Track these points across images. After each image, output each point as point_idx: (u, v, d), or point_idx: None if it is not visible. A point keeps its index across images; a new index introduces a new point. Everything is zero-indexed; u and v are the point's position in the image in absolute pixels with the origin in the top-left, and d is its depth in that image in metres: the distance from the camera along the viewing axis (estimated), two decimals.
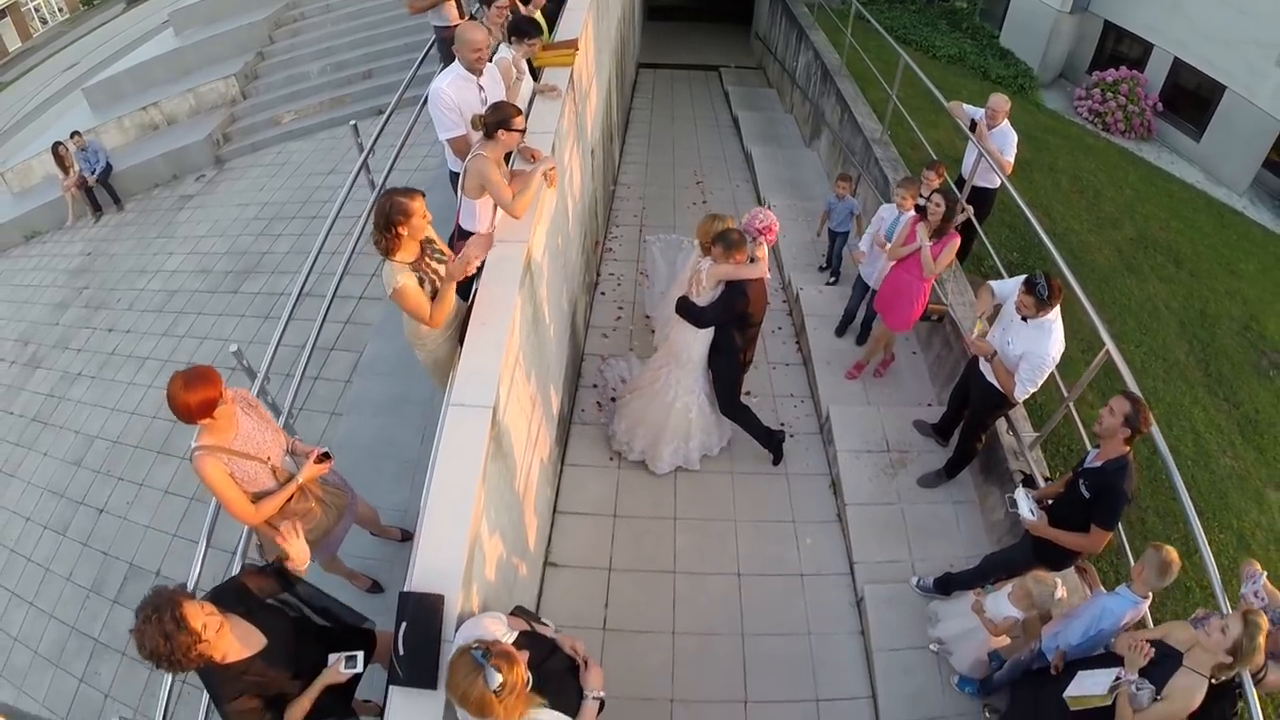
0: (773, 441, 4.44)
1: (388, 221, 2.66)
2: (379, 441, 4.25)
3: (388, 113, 5.31)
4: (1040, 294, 3.16)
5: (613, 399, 4.89)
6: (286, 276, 6.28)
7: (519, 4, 4.78)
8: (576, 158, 5.01)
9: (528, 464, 3.47)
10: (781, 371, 5.39)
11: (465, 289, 3.16)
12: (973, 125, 5.24)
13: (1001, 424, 4.08)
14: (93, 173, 8.84)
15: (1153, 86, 10.34)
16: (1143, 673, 2.53)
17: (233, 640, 2.06)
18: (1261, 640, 2.43)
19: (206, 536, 2.98)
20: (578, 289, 5.26)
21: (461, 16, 5.31)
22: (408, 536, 3.69)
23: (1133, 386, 3.27)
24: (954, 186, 5.12)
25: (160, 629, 1.83)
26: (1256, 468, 5.85)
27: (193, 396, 2.26)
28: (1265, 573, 2.90)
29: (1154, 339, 6.51)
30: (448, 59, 4.84)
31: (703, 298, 3.81)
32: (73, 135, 8.98)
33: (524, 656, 1.96)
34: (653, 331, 5.50)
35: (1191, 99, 10.16)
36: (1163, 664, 2.54)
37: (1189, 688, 2.46)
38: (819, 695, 3.56)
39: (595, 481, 4.44)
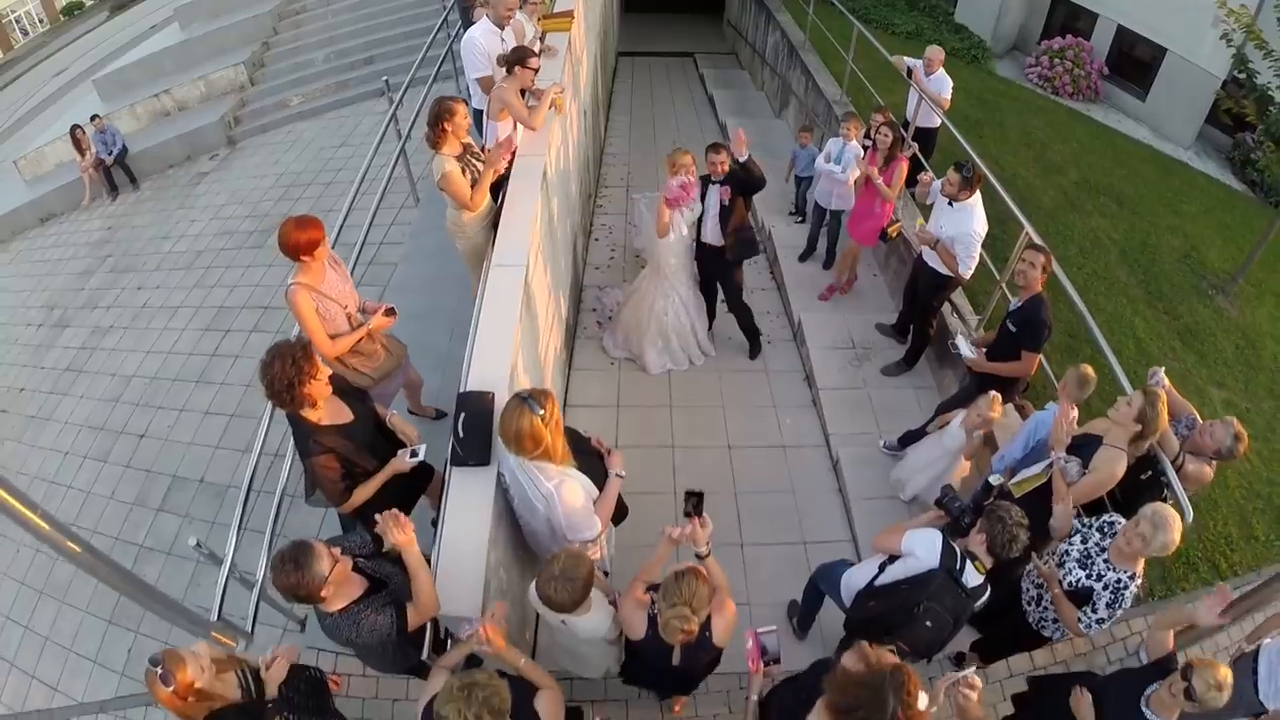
0: (754, 337, 5.11)
1: (436, 119, 3.29)
2: (413, 341, 4.79)
3: (409, 76, 5.89)
4: (965, 174, 3.85)
5: (610, 318, 5.54)
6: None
7: None
8: (575, 107, 5.66)
9: (546, 342, 4.10)
10: (759, 295, 6.05)
11: (495, 192, 3.78)
12: (909, 73, 5.95)
13: (950, 314, 4.78)
14: (110, 154, 9.33)
15: (1099, 52, 11.17)
16: (1071, 455, 3.13)
17: (329, 405, 2.65)
18: (1161, 408, 3.00)
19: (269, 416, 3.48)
20: (577, 226, 5.91)
21: None
22: (441, 415, 4.30)
23: (1058, 271, 3.99)
24: (900, 128, 5.83)
25: (286, 366, 2.41)
26: (1197, 369, 6.53)
27: (302, 235, 2.87)
28: (1163, 368, 3.51)
29: (1095, 263, 7.25)
30: (466, 20, 5.51)
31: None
32: (92, 118, 9.46)
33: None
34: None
35: (1136, 62, 11.00)
36: (1088, 446, 3.08)
37: (1110, 459, 3.00)
38: (805, 539, 4.20)
39: (598, 381, 5.08)
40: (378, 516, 2.26)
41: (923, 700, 1.64)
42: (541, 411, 2.33)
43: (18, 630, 5.05)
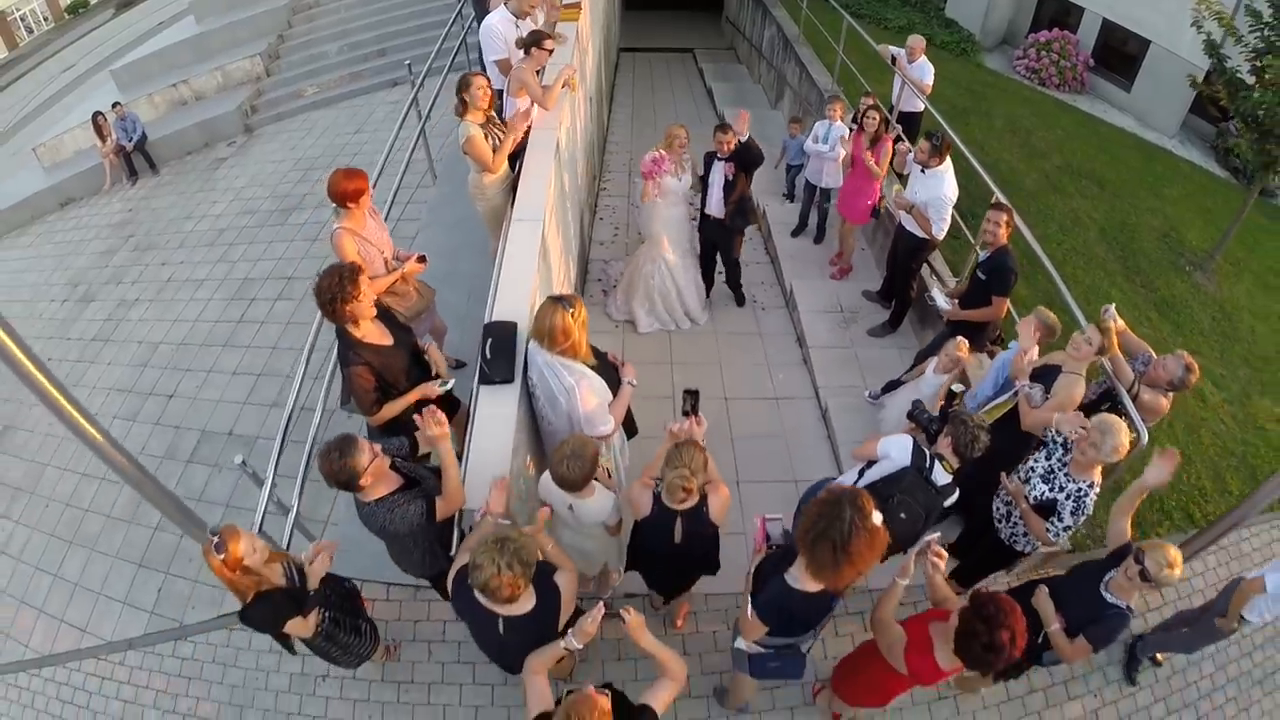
0: (739, 290, 5.62)
1: (458, 90, 3.66)
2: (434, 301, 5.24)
3: (428, 63, 6.25)
4: (935, 143, 4.23)
5: (614, 286, 5.92)
6: (327, 208, 7.19)
7: None
8: (582, 92, 6.03)
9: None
10: (754, 268, 6.43)
11: (512, 162, 4.16)
12: (894, 61, 6.34)
13: (929, 275, 5.16)
14: (130, 141, 9.68)
15: (1085, 45, 11.58)
16: (1034, 382, 3.50)
17: (373, 327, 3.01)
18: (1112, 329, 3.42)
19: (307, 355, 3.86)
20: (584, 204, 6.29)
21: None
22: (460, 365, 4.66)
23: (1028, 237, 4.38)
24: (886, 112, 6.20)
25: (333, 282, 2.77)
26: (1173, 337, 6.90)
27: (349, 184, 3.24)
28: (1113, 308, 3.87)
29: (1074, 240, 7.64)
30: (479, 10, 5.89)
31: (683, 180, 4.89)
32: (114, 106, 9.81)
33: None
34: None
35: (1120, 54, 11.40)
36: (1049, 375, 3.47)
37: (1069, 383, 3.38)
38: (796, 477, 4.57)
39: (603, 342, 5.36)
40: (416, 416, 2.62)
41: (876, 517, 1.99)
42: (571, 309, 2.71)
43: (47, 578, 5.37)
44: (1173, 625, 4.16)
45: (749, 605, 2.36)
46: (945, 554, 2.50)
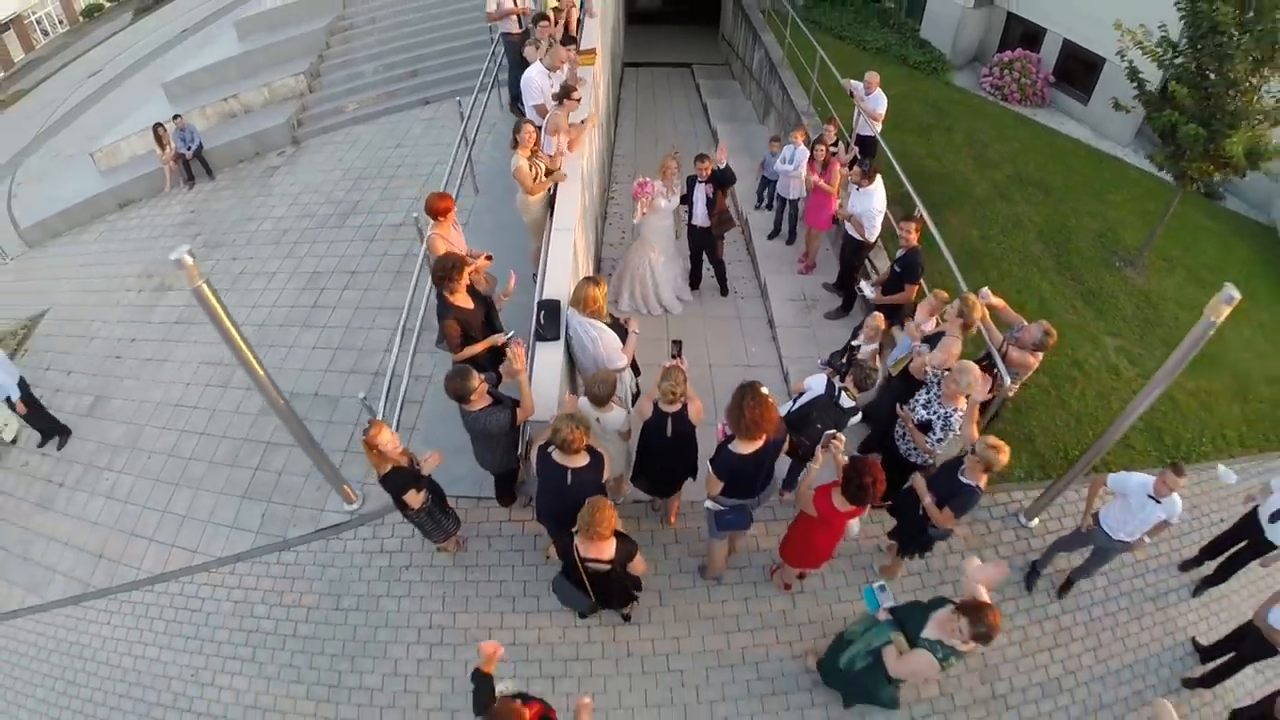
0: (724, 282, 7.17)
1: (514, 131, 5.21)
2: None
3: (473, 96, 7.80)
4: (864, 168, 5.78)
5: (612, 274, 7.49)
6: (380, 214, 8.79)
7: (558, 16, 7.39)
8: (598, 123, 7.59)
9: None
10: (736, 265, 7.99)
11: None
12: (852, 94, 7.89)
13: (871, 270, 6.70)
14: (188, 149, 11.23)
15: (1047, 62, 13.11)
16: (926, 343, 5.04)
17: (464, 297, 4.56)
18: (978, 304, 4.92)
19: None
20: (598, 213, 7.85)
21: (521, 28, 7.89)
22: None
23: (937, 238, 5.92)
24: (846, 134, 7.76)
25: (447, 263, 4.30)
26: (1096, 322, 8.35)
27: (440, 203, 4.78)
28: (988, 289, 5.39)
29: (1013, 240, 9.12)
30: (510, 55, 7.45)
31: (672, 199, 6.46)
32: (174, 117, 11.34)
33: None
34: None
35: (1079, 70, 12.91)
36: (938, 338, 5.03)
37: (947, 343, 4.84)
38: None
39: None
40: (509, 353, 4.16)
41: (765, 391, 3.52)
42: (598, 286, 4.27)
43: (155, 515, 6.85)
44: (1054, 548, 5.65)
45: (710, 469, 3.91)
46: (843, 440, 4.04)
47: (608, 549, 3.69)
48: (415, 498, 4.32)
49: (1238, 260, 10.57)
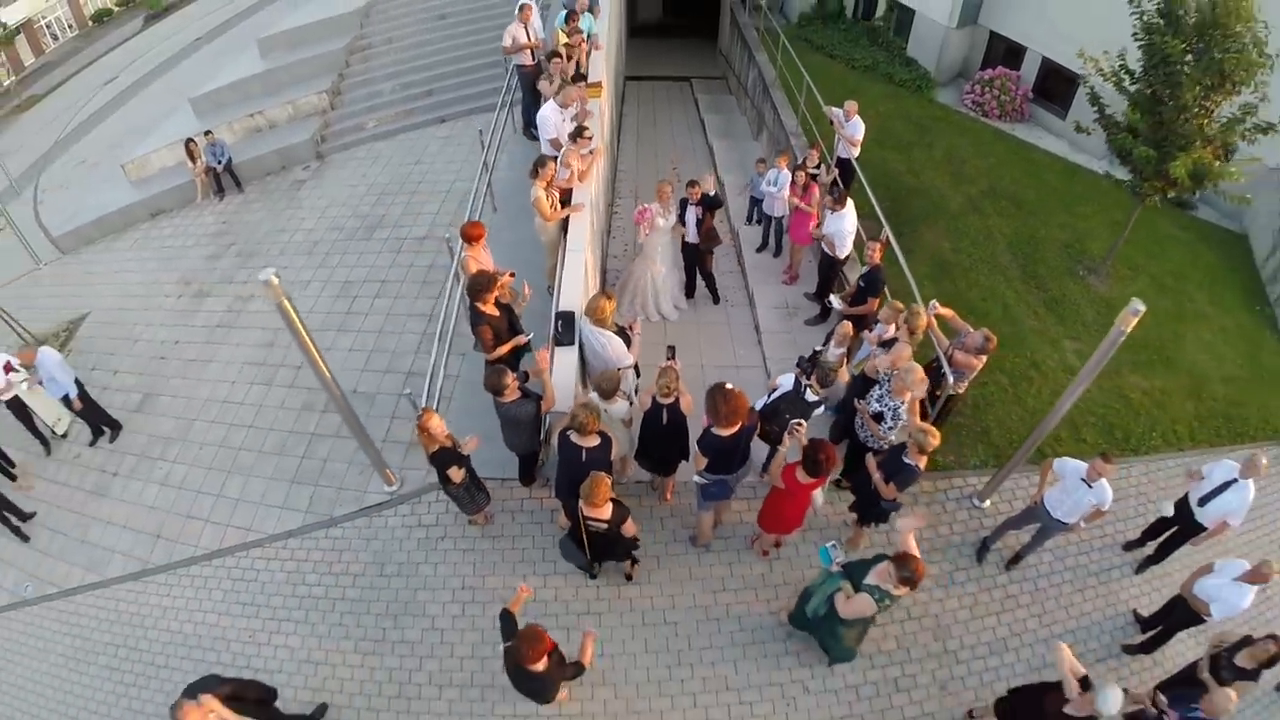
0: (715, 291, 8.20)
1: (534, 165, 6.26)
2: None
3: (494, 123, 8.86)
4: (835, 194, 6.82)
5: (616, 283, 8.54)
6: (405, 228, 9.84)
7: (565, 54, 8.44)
8: (605, 156, 8.64)
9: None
10: (727, 276, 9.04)
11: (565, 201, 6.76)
12: (833, 122, 8.93)
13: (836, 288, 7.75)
14: (219, 163, 12.26)
15: (1027, 79, 14.14)
16: (882, 348, 6.09)
17: (492, 306, 5.60)
18: (924, 314, 5.96)
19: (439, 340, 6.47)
20: (603, 230, 8.89)
21: (533, 60, 8.92)
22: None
23: (899, 257, 6.94)
24: (828, 157, 8.80)
25: (482, 280, 5.35)
26: (1056, 326, 9.30)
27: (474, 231, 5.83)
28: (936, 301, 6.45)
29: (983, 251, 10.11)
30: (524, 84, 8.49)
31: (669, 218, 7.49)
32: (206, 133, 12.38)
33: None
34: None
35: (1058, 85, 13.92)
36: (891, 344, 6.09)
37: (899, 348, 5.80)
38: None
39: None
40: (535, 356, 5.21)
41: (731, 387, 4.56)
42: (609, 300, 5.32)
43: (209, 499, 7.85)
44: (1004, 526, 6.64)
45: (697, 448, 4.96)
46: (805, 426, 5.08)
47: (605, 512, 4.74)
48: (456, 473, 5.36)
49: (1204, 267, 11.49)
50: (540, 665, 4.11)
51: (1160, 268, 11.20)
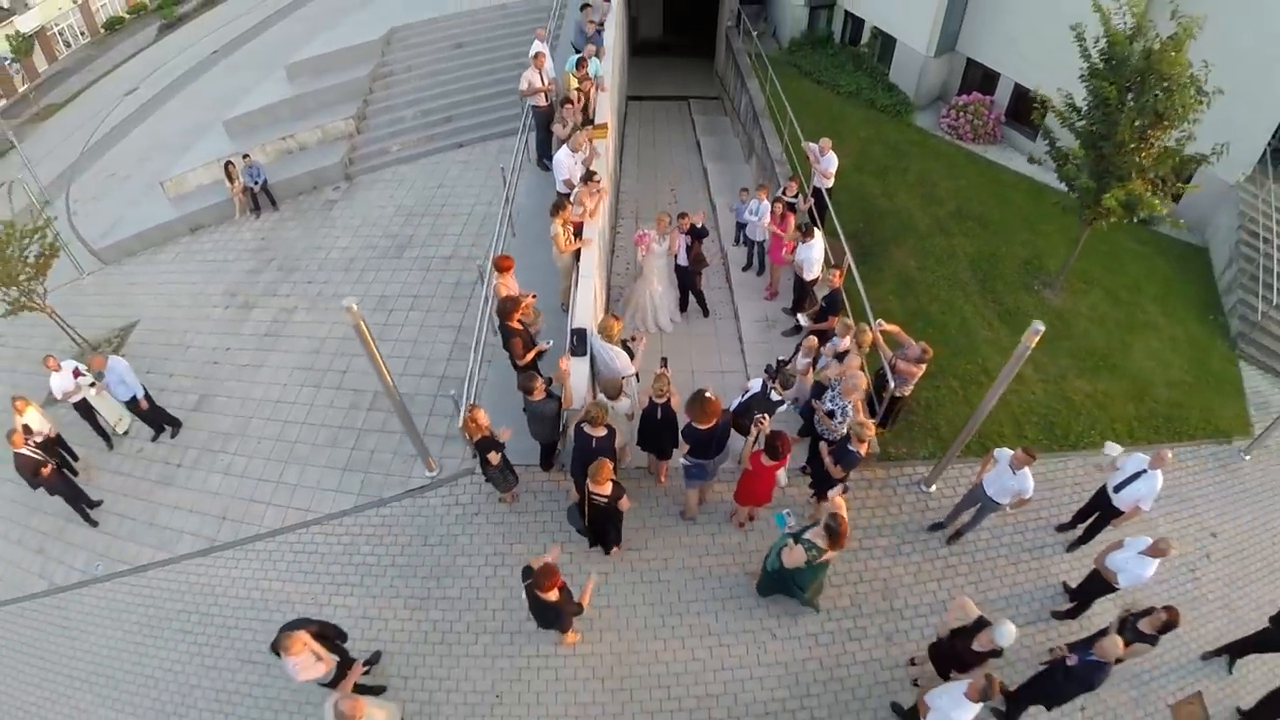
0: (704, 305, 9.79)
1: (553, 206, 7.87)
2: None
3: (515, 162, 10.46)
4: (803, 228, 8.42)
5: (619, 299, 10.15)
6: (432, 248, 11.44)
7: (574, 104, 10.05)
8: (609, 183, 10.24)
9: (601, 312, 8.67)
10: (716, 292, 10.64)
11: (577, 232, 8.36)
12: (809, 156, 10.53)
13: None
14: (255, 183, 13.86)
15: (1000, 103, 15.71)
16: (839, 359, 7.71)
17: (518, 322, 7.21)
18: (866, 334, 7.59)
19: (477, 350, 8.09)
20: (607, 252, 10.48)
21: (548, 102, 10.52)
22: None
23: (858, 280, 8.55)
24: (805, 188, 10.40)
25: (509, 302, 6.97)
26: (1008, 337, 10.68)
27: (504, 262, 7.44)
28: (882, 320, 8.06)
29: (946, 269, 11.67)
30: (538, 121, 10.10)
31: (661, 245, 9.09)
32: (244, 156, 13.96)
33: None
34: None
35: (1029, 110, 15.43)
36: (844, 356, 7.71)
37: (849, 359, 7.50)
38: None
39: None
40: (559, 364, 6.83)
41: (710, 393, 6.16)
42: (617, 323, 6.93)
43: (270, 485, 9.44)
44: (955, 510, 8.20)
45: (680, 436, 6.58)
46: (768, 420, 6.67)
47: (606, 489, 6.32)
48: (494, 457, 6.97)
49: (1160, 279, 12.96)
50: (553, 595, 5.69)
51: (1116, 281, 12.64)
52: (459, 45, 15.40)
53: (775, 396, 6.96)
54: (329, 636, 6.59)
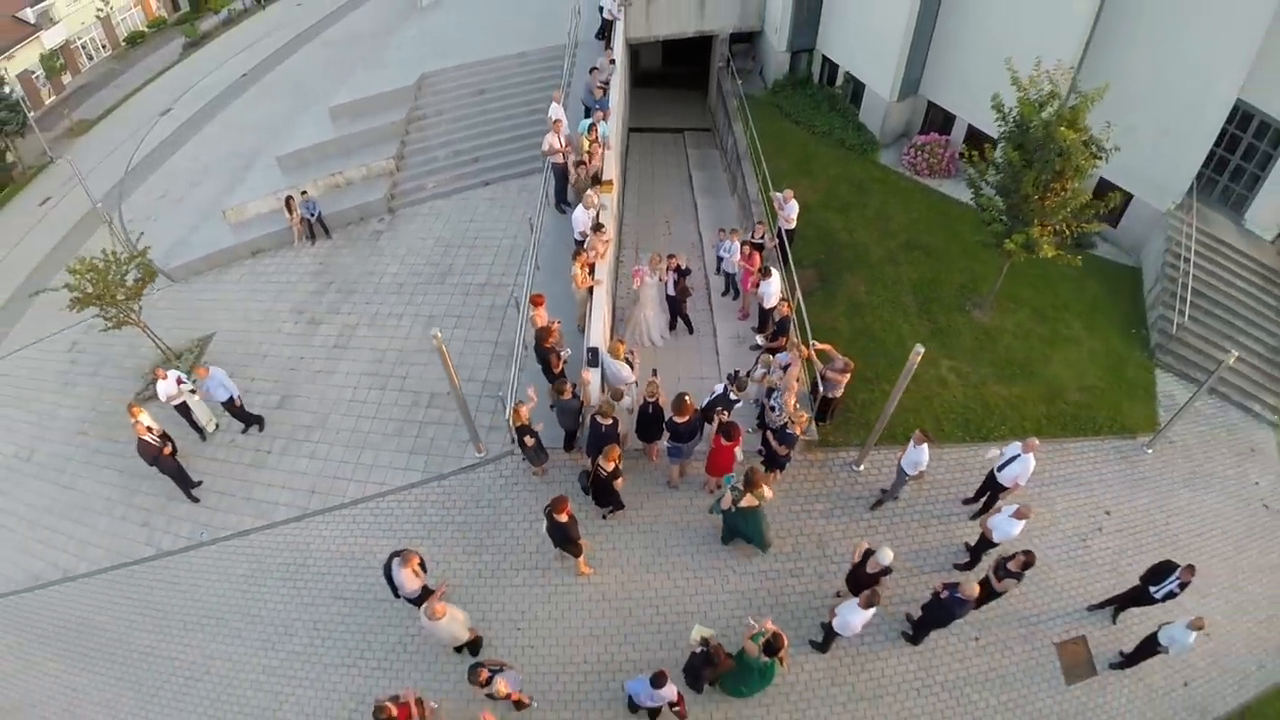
0: (689, 324, 13.25)
1: (575, 252, 11.34)
2: None
3: (539, 207, 13.98)
4: (762, 270, 11.85)
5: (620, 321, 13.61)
6: (469, 275, 14.86)
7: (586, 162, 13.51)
8: (614, 227, 13.68)
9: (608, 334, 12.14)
10: (699, 313, 14.06)
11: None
12: (774, 202, 13.98)
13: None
14: (312, 215, 17.28)
15: (956, 142, 19.06)
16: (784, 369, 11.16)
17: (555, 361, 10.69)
18: (802, 348, 11.05)
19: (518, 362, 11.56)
20: (613, 279, 13.91)
21: (565, 160, 13.96)
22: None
23: (801, 304, 12.01)
24: (771, 229, 13.84)
25: (542, 328, 10.44)
26: (940, 351, 13.94)
27: (538, 299, 10.87)
28: (815, 340, 11.52)
29: (890, 293, 14.92)
30: (557, 175, 13.59)
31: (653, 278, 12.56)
32: (303, 192, 17.36)
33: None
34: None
35: (981, 147, 18.83)
36: (788, 367, 11.17)
37: (791, 370, 10.94)
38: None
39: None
40: (585, 375, 10.31)
41: (689, 399, 9.60)
42: (622, 342, 10.41)
43: (350, 465, 12.80)
44: (886, 493, 11.61)
45: (665, 426, 10.03)
46: (727, 413, 10.11)
47: (610, 465, 9.72)
48: (530, 440, 10.44)
49: (1088, 298, 15.94)
50: (564, 516, 9.13)
51: (1044, 300, 15.68)
52: (481, 91, 18.78)
53: (733, 396, 10.40)
54: (422, 563, 10.02)
